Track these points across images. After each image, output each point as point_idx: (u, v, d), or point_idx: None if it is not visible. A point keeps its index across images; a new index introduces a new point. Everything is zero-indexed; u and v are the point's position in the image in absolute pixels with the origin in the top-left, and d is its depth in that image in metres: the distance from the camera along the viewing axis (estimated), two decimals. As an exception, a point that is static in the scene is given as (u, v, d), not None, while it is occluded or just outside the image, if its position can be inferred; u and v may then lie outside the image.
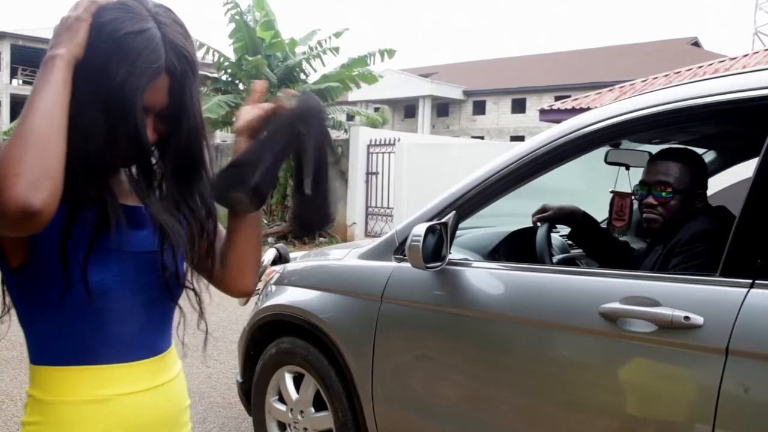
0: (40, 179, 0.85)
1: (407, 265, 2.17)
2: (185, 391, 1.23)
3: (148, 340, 1.12)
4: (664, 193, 2.16)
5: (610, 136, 2.05)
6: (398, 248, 2.34)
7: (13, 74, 40.50)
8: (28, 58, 40.02)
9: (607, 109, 2.02)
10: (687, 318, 1.60)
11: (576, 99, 14.75)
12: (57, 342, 1.04)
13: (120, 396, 1.07)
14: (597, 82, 28.30)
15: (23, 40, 38.87)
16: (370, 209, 12.14)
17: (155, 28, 1.01)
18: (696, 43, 38.69)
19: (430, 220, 2.18)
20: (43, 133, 0.88)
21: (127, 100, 0.98)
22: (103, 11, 1.00)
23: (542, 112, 15.12)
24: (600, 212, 2.75)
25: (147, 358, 1.12)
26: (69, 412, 1.03)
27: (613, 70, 33.32)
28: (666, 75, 13.65)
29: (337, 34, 13.66)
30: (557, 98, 24.01)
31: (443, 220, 2.15)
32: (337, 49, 13.66)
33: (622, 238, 2.76)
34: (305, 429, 2.67)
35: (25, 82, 41.69)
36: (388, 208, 11.75)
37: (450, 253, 2.14)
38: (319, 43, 13.72)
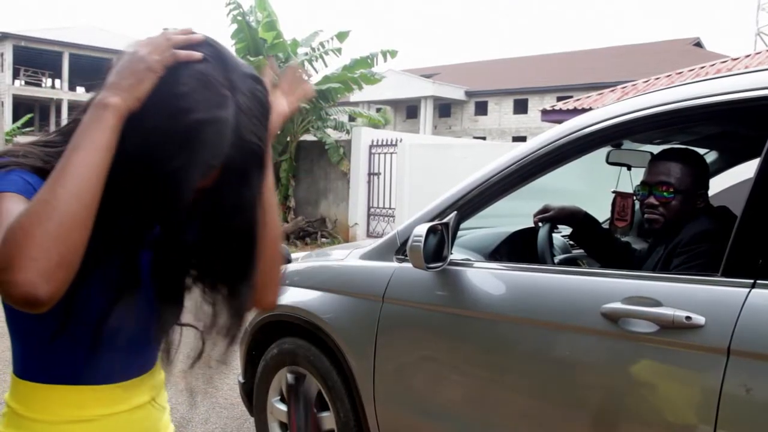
0: (55, 269, 0.76)
1: (409, 265, 2.17)
2: (165, 406, 1.20)
3: (136, 360, 1.09)
4: (665, 194, 2.16)
5: (612, 136, 2.05)
6: (399, 249, 2.34)
7: (16, 75, 40.56)
8: (30, 58, 40.10)
9: (608, 109, 2.03)
10: (689, 318, 1.60)
11: (578, 99, 14.74)
12: (44, 359, 1.00)
13: (103, 416, 1.03)
14: (599, 83, 28.30)
15: (25, 41, 38.95)
16: (372, 210, 12.15)
17: (230, 115, 0.87)
18: (698, 44, 38.66)
19: (432, 220, 2.18)
20: (72, 214, 0.78)
21: (173, 192, 0.87)
22: (179, 74, 0.86)
23: (544, 112, 15.12)
24: (602, 213, 2.75)
25: (133, 377, 1.08)
26: (49, 431, 1.00)
27: (615, 70, 33.31)
28: (668, 75, 13.64)
29: (340, 37, 13.66)
30: (559, 99, 23.99)
31: (444, 220, 2.15)
32: (339, 51, 13.66)
33: (623, 239, 2.75)
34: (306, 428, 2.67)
35: (27, 83, 41.78)
36: (390, 208, 11.75)
37: (451, 253, 2.14)
38: (321, 44, 13.72)
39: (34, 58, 40.29)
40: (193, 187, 0.86)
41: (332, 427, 2.56)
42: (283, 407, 2.80)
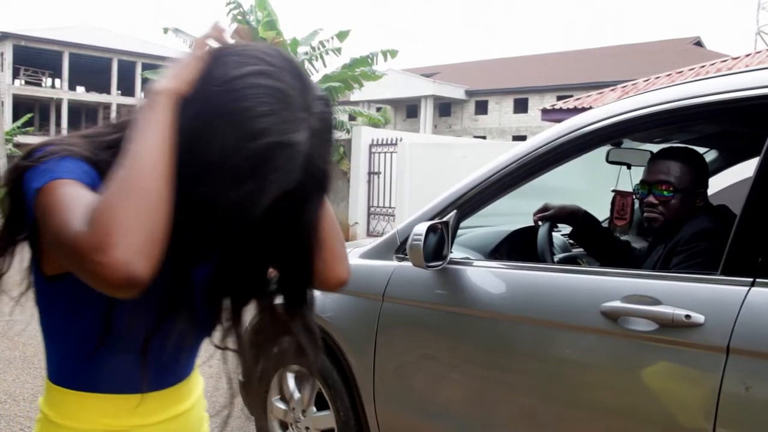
0: (150, 245, 0.73)
1: (408, 264, 2.17)
2: (203, 415, 1.16)
3: (172, 369, 1.04)
4: (665, 192, 2.16)
5: (611, 135, 2.06)
6: (399, 247, 2.34)
7: (16, 74, 40.59)
8: (30, 58, 40.12)
9: (607, 108, 2.03)
10: (688, 316, 1.60)
11: (578, 99, 14.74)
12: (78, 366, 0.96)
13: (139, 427, 1.00)
14: (599, 82, 28.30)
15: (25, 40, 38.97)
16: (372, 209, 12.14)
17: (305, 139, 0.81)
18: (698, 43, 38.66)
19: (432, 219, 2.18)
20: (154, 189, 0.76)
21: (237, 216, 0.82)
22: (257, 91, 0.80)
23: (544, 111, 15.11)
24: (601, 211, 2.76)
25: (168, 386, 1.04)
26: None
27: (616, 69, 33.31)
28: (668, 75, 13.64)
29: (341, 36, 13.67)
30: (559, 98, 24.00)
31: (444, 219, 2.15)
32: (339, 50, 13.67)
33: (623, 237, 2.76)
34: (307, 428, 2.68)
35: (27, 83, 41.80)
36: (390, 207, 11.74)
37: (451, 252, 2.14)
38: (321, 43, 13.73)
39: (34, 58, 40.32)
40: (259, 213, 0.81)
41: (332, 426, 2.56)
42: (283, 406, 2.81)
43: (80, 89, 43.99)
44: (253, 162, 0.79)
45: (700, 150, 2.61)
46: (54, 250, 0.82)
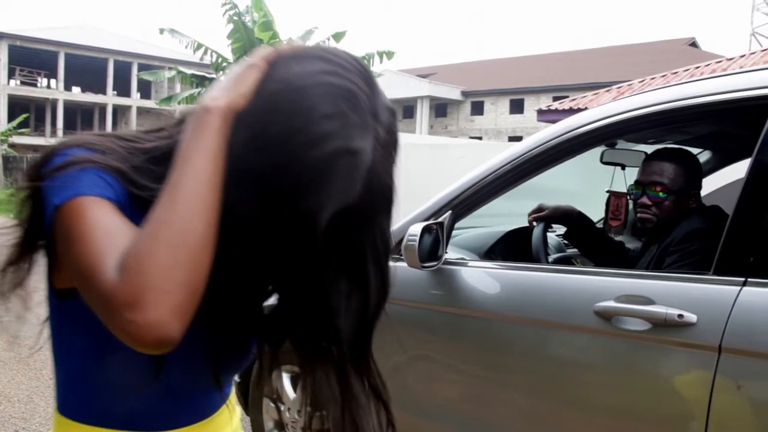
0: (188, 303, 0.64)
1: (404, 264, 2.18)
2: None
3: (199, 402, 0.91)
4: (659, 194, 2.18)
5: (606, 136, 2.07)
6: (395, 248, 2.34)
7: (11, 75, 40.52)
8: (25, 58, 40.04)
9: (602, 109, 2.04)
10: (680, 316, 1.61)
11: (574, 99, 14.77)
12: (90, 396, 0.85)
13: None
14: (595, 83, 28.34)
15: (21, 40, 38.89)
16: (368, 209, 12.15)
17: (370, 149, 0.71)
18: (694, 44, 38.77)
19: (427, 219, 2.19)
20: (198, 234, 0.66)
21: (297, 236, 0.73)
22: (323, 92, 0.71)
23: (540, 112, 15.15)
24: (596, 212, 2.77)
25: (194, 422, 0.91)
26: None
27: (611, 70, 33.37)
28: (663, 75, 13.67)
29: (337, 37, 13.68)
30: (555, 99, 24.04)
31: (439, 219, 2.16)
32: (335, 50, 13.67)
33: (617, 238, 2.77)
34: (303, 428, 2.68)
35: (22, 83, 41.73)
36: (386, 208, 11.75)
37: (446, 252, 2.15)
38: (318, 44, 13.74)
39: (29, 58, 40.24)
40: (321, 232, 0.71)
41: (328, 427, 2.56)
42: (278, 406, 2.81)
43: (76, 89, 43.89)
44: (314, 172, 0.69)
45: (694, 151, 2.62)
46: (75, 283, 0.71)
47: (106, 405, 0.85)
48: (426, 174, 10.35)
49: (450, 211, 2.18)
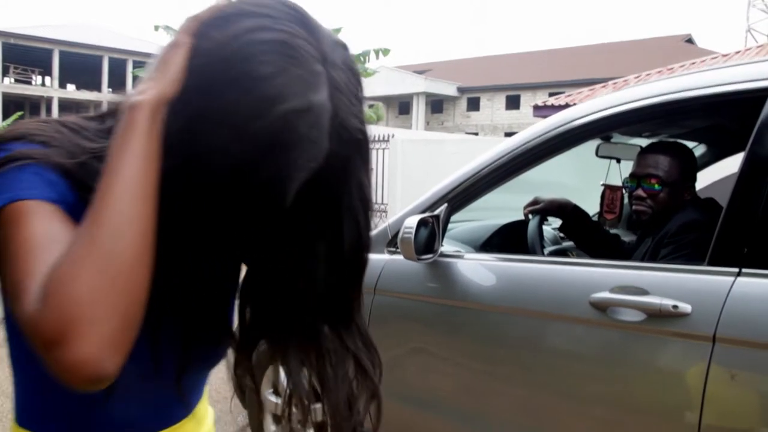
0: (123, 332, 0.56)
1: (400, 257, 2.18)
2: None
3: (166, 409, 0.85)
4: (654, 186, 2.19)
5: (600, 128, 2.08)
6: (391, 241, 2.35)
7: (5, 72, 40.35)
8: (20, 56, 39.87)
9: (597, 102, 2.05)
10: (675, 306, 1.62)
11: (569, 95, 14.78)
12: (48, 407, 0.78)
13: None
14: (591, 79, 28.36)
15: (15, 38, 38.73)
16: (364, 205, 12.17)
17: (326, 98, 0.64)
18: (690, 40, 38.84)
19: (423, 212, 2.20)
20: (130, 251, 0.58)
21: (261, 212, 0.67)
22: (255, 50, 0.63)
23: (536, 108, 15.15)
24: (592, 207, 2.78)
25: (165, 428, 0.85)
26: None
27: (607, 67, 33.40)
28: (659, 71, 13.69)
29: (333, 32, 13.66)
30: (551, 95, 24.05)
31: (435, 212, 2.16)
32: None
33: (612, 231, 2.78)
34: (299, 421, 2.69)
35: (17, 81, 41.55)
36: (382, 203, 11.76)
37: (442, 245, 2.16)
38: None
39: (23, 56, 40.07)
40: (288, 201, 0.65)
41: (326, 420, 2.57)
42: (275, 400, 2.82)
43: (71, 87, 43.77)
44: (268, 143, 0.62)
45: (690, 144, 2.63)
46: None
47: (65, 414, 0.78)
48: (422, 169, 10.38)
49: (446, 204, 2.19)
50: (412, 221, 2.05)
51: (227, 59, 0.63)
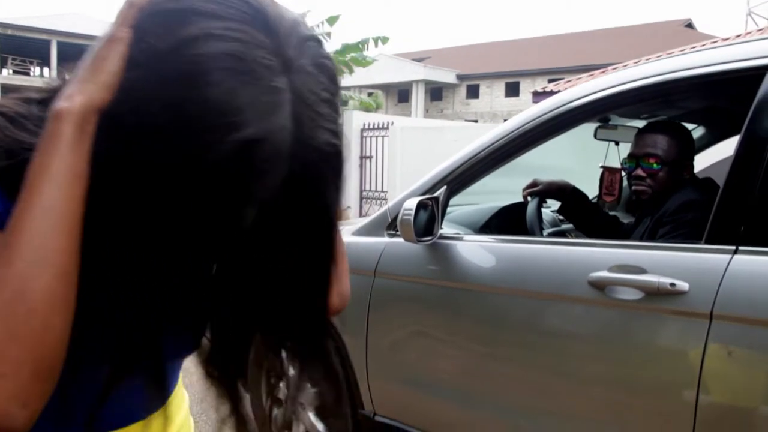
0: (32, 384, 0.51)
1: (400, 239, 2.20)
2: None
3: (138, 399, 0.76)
4: (653, 165, 2.19)
5: (598, 109, 2.08)
6: (390, 224, 2.36)
7: (3, 64, 40.23)
8: (17, 47, 39.76)
9: (594, 82, 2.05)
10: (673, 285, 1.63)
11: (569, 81, 14.75)
12: None
13: None
14: (591, 65, 28.26)
15: (12, 29, 38.58)
16: (364, 193, 12.17)
17: (287, 118, 0.55)
18: (690, 25, 38.66)
19: (422, 195, 2.21)
20: (41, 288, 0.51)
21: (210, 246, 0.61)
22: (200, 68, 0.52)
23: (535, 94, 15.10)
24: (591, 191, 2.78)
25: (132, 423, 0.77)
26: None
27: (607, 52, 33.28)
28: (659, 56, 13.63)
29: (330, 21, 13.62)
30: (551, 81, 23.97)
31: (435, 194, 2.17)
32: (329, 35, 13.62)
33: (611, 213, 2.79)
34: (301, 404, 2.71)
35: (15, 72, 41.46)
36: (382, 191, 11.77)
37: (441, 227, 2.17)
38: (311, 28, 13.67)
39: (21, 47, 39.96)
40: (243, 226, 0.58)
41: (324, 401, 2.59)
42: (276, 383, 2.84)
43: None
44: (213, 174, 0.53)
45: (689, 126, 2.64)
46: None
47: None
48: (422, 156, 10.37)
49: (445, 187, 2.20)
50: (412, 203, 2.06)
51: (165, 80, 0.52)
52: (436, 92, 41.31)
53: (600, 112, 2.19)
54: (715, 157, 3.06)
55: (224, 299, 0.70)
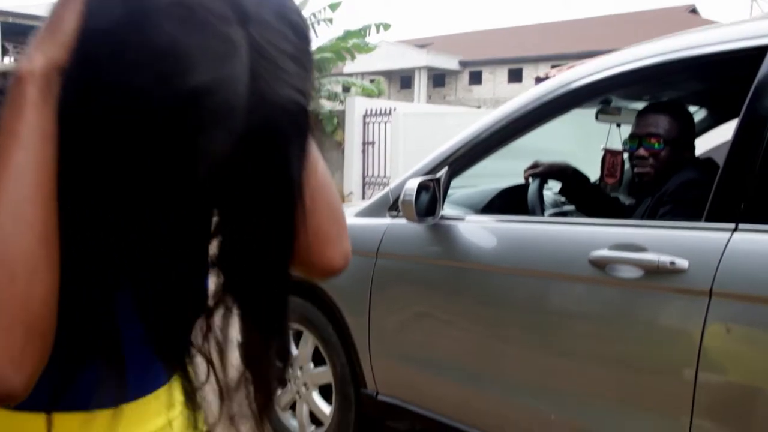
0: (25, 346, 0.52)
1: (402, 220, 2.21)
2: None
3: (139, 376, 0.76)
4: (655, 145, 2.20)
5: (598, 90, 2.09)
6: (393, 205, 2.38)
7: (5, 52, 40.15)
8: (19, 35, 39.67)
9: (594, 64, 2.05)
10: (672, 263, 1.65)
11: (571, 66, 14.69)
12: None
13: None
14: (594, 51, 28.08)
15: (14, 17, 38.48)
16: (367, 179, 12.18)
17: (243, 67, 0.53)
18: (694, 11, 38.41)
19: (424, 176, 2.22)
20: (22, 250, 0.52)
21: (162, 208, 0.59)
22: (150, 17, 0.52)
23: (538, 80, 15.07)
24: (592, 174, 2.79)
25: (137, 398, 0.77)
26: None
27: (610, 38, 33.09)
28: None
29: (333, 7, 13.57)
30: (554, 67, 23.90)
31: (436, 175, 2.18)
32: (330, 21, 13.58)
33: (613, 195, 2.80)
34: (305, 384, 2.74)
35: (16, 60, 41.37)
36: (384, 177, 11.77)
37: (443, 208, 2.18)
38: (313, 14, 13.64)
39: (23, 35, 39.83)
40: (199, 180, 0.56)
41: (329, 381, 2.62)
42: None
43: (71, 65, 43.58)
44: (168, 123, 0.52)
45: (691, 108, 2.64)
46: None
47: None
48: (424, 142, 10.36)
49: (446, 167, 2.21)
50: (413, 183, 2.07)
51: (113, 31, 0.52)
52: (438, 78, 41.16)
53: (601, 92, 2.20)
54: (716, 140, 3.07)
55: (184, 255, 0.67)
